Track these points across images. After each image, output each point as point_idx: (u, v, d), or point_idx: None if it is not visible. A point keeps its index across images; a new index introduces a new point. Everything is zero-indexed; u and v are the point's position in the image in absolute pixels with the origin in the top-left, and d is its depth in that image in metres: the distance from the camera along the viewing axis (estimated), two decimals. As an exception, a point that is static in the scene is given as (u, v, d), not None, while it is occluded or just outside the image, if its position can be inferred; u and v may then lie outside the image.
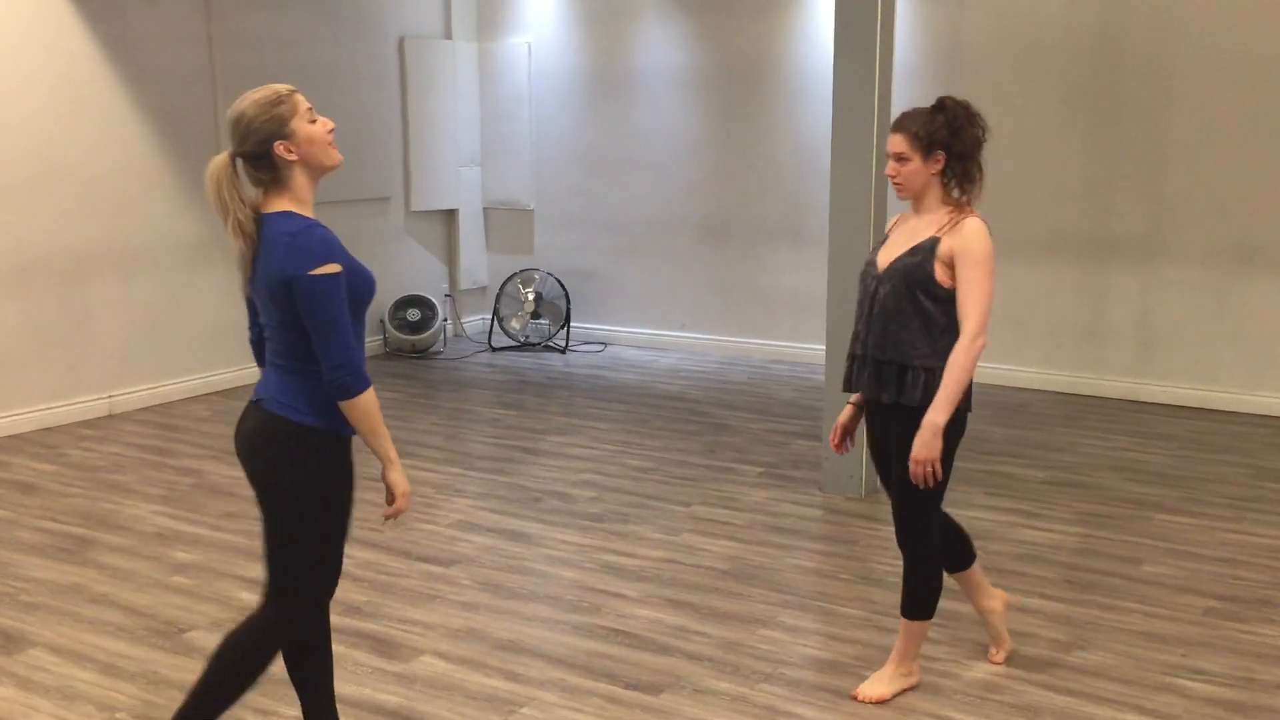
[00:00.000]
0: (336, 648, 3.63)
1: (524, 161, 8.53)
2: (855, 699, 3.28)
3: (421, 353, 8.03)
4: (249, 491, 5.18)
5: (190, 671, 3.48)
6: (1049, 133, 6.66)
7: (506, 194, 8.68)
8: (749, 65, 7.56)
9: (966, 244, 3.00)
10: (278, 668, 2.82)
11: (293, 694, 2.88)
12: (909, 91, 6.90)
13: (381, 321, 8.08)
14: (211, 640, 3.69)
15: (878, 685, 3.30)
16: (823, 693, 3.35)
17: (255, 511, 4.83)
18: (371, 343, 8.08)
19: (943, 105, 3.08)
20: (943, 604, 3.90)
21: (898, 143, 3.07)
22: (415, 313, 8.05)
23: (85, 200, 6.26)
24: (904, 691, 3.31)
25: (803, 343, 7.58)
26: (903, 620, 3.29)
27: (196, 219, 6.82)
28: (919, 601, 3.24)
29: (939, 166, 3.07)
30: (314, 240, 2.48)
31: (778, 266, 7.66)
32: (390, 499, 2.74)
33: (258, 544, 4.51)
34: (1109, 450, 5.65)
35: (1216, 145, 6.22)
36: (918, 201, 3.14)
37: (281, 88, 2.61)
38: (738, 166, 7.69)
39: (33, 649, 3.65)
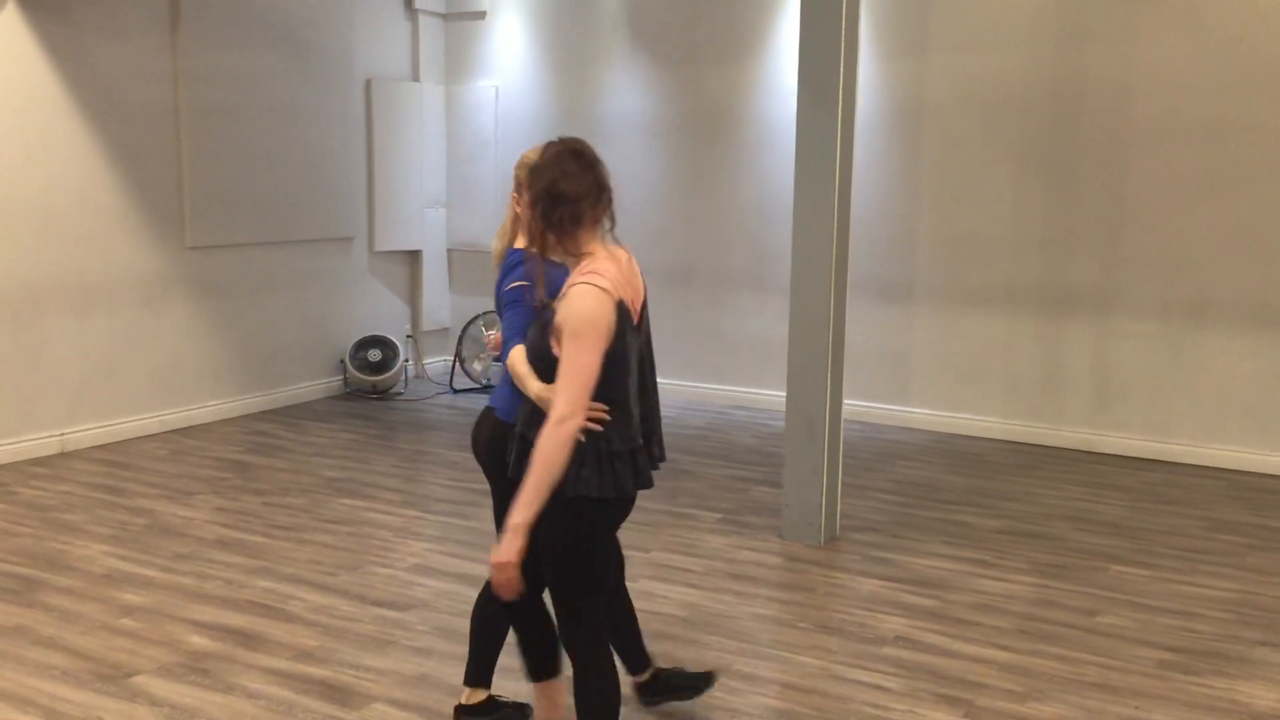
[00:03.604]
0: (284, 693, 3.58)
1: (489, 204, 8.55)
2: None
3: (382, 394, 7.98)
4: (200, 532, 5.14)
5: (135, 718, 3.41)
6: (1008, 187, 6.77)
7: (471, 236, 8.68)
8: (714, 114, 7.64)
9: (566, 314, 2.56)
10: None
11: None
12: (871, 143, 7.03)
13: (342, 361, 8.03)
14: (157, 685, 3.62)
15: None
16: (778, 743, 3.33)
17: (206, 553, 4.79)
18: (331, 383, 8.03)
19: (549, 143, 2.72)
20: (896, 652, 3.92)
21: None
22: (376, 353, 8.01)
23: (43, 233, 6.20)
24: None
25: (764, 389, 7.61)
26: None
27: (156, 255, 6.76)
28: (593, 712, 2.78)
29: (525, 207, 2.75)
30: (516, 268, 2.99)
31: (740, 313, 7.70)
32: None
33: (207, 586, 4.47)
34: (1064, 500, 5.70)
35: (1169, 202, 6.34)
36: None
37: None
38: (702, 213, 7.74)
39: (-27, 692, 3.56)
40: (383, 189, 8.27)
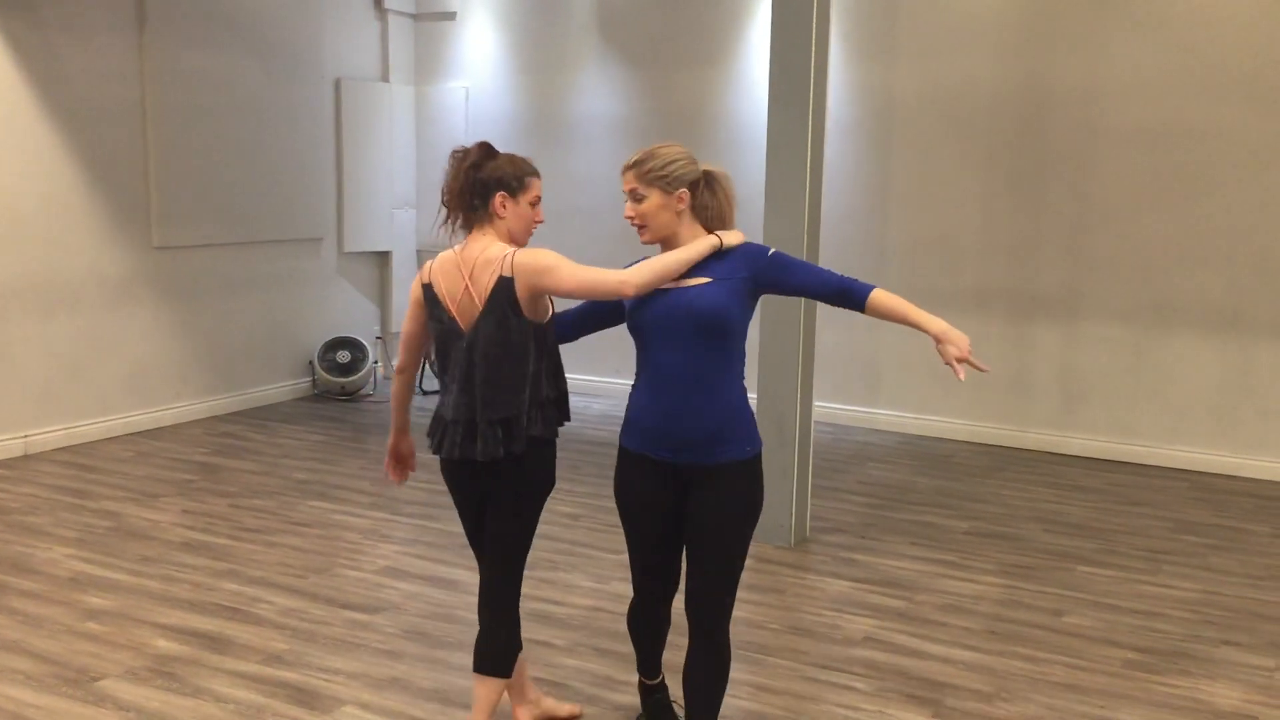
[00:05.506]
0: (253, 697, 3.55)
1: (459, 205, 8.52)
2: None
3: (351, 395, 7.94)
4: (167, 535, 5.10)
5: (101, 722, 3.38)
6: (976, 191, 6.82)
7: (441, 237, 8.64)
8: (685, 116, 7.65)
9: None
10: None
11: None
12: (841, 145, 7.07)
13: (311, 363, 7.98)
14: (123, 689, 3.59)
15: None
16: (749, 744, 3.34)
17: (172, 556, 4.75)
18: (300, 384, 7.98)
19: None
20: (865, 653, 3.94)
21: None
22: (345, 354, 7.97)
23: (8, 234, 6.13)
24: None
25: (734, 391, 7.62)
26: None
27: (122, 256, 6.70)
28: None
29: None
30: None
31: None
32: None
33: (174, 589, 4.43)
34: (1031, 502, 5.75)
35: (1134, 207, 6.42)
36: None
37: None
38: (672, 215, 7.74)
39: (-66, 698, 3.51)
40: (352, 190, 8.23)
